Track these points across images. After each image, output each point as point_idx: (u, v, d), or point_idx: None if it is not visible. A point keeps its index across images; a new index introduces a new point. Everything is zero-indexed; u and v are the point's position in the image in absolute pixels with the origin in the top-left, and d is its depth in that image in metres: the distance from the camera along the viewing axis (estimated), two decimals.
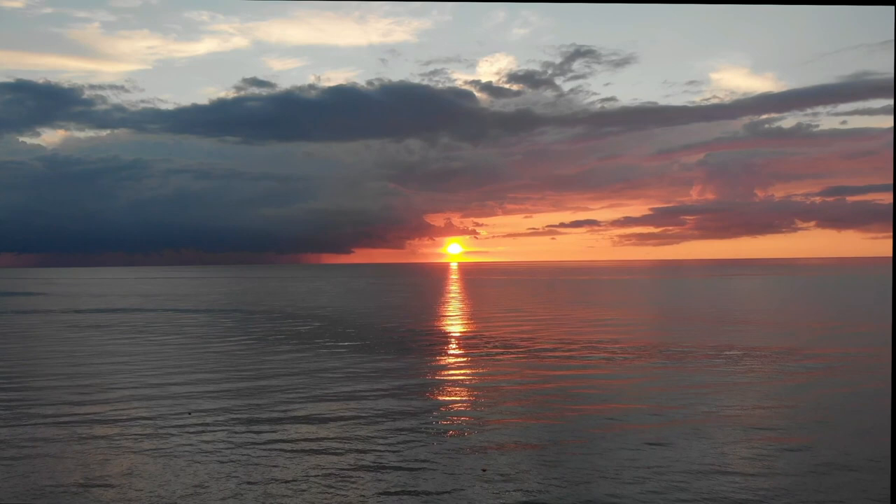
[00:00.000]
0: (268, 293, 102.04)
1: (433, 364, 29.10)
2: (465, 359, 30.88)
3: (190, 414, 19.54)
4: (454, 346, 35.97)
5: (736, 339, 36.10)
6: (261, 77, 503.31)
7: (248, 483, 13.54)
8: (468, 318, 53.88)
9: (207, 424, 18.20)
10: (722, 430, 17.44)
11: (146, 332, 43.68)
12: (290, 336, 40.76)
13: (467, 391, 23.06)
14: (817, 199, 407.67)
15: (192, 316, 58.25)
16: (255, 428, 17.80)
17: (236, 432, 17.35)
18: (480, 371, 27.38)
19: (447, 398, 21.85)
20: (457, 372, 27.25)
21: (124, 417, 19.16)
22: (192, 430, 17.66)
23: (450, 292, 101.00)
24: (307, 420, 18.58)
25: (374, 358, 30.29)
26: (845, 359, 29.13)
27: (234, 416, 19.07)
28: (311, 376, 25.51)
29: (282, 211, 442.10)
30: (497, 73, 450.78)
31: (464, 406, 20.76)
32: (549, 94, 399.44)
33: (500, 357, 30.92)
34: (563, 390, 22.94)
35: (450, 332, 42.75)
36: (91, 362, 30.31)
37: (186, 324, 50.33)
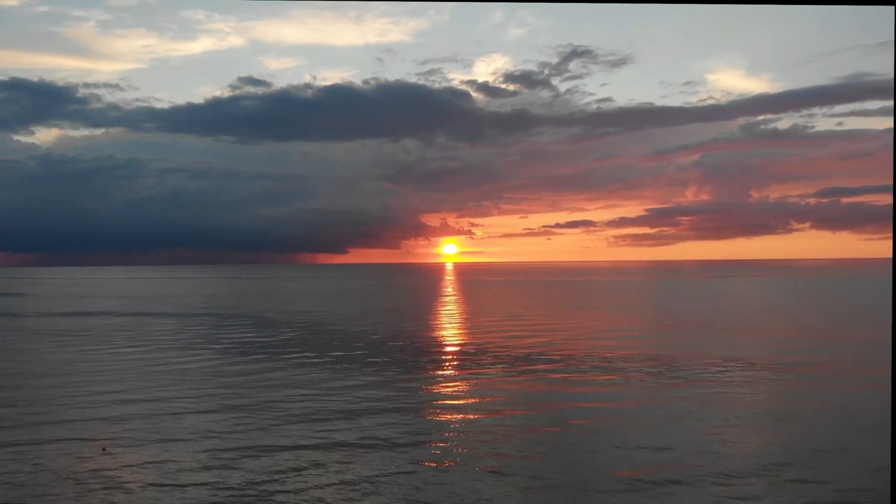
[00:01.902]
0: (256, 295, 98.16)
1: (414, 391, 24.95)
2: (453, 384, 26.77)
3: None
4: (443, 364, 31.86)
5: (754, 353, 32.03)
6: (257, 76, 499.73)
7: None
8: (462, 327, 49.73)
9: (111, 480, 14.05)
10: (768, 489, 13.34)
11: (103, 342, 39.50)
12: (259, 348, 36.60)
13: (448, 437, 18.87)
14: (812, 201, 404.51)
15: (162, 321, 54.13)
16: (165, 490, 13.66)
17: (139, 494, 13.22)
18: (469, 402, 23.26)
19: (419, 451, 17.62)
20: (440, 404, 23.07)
21: (20, 471, 14.97)
22: (93, 485, 13.53)
23: (444, 295, 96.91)
24: (229, 485, 14.39)
25: (346, 385, 26.00)
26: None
27: (149, 468, 14.90)
28: (263, 410, 21.28)
29: (278, 211, 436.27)
30: (494, 74, 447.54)
31: (438, 460, 16.58)
32: (545, 94, 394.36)
33: (496, 380, 26.79)
34: (570, 434, 18.80)
35: (441, 346, 38.62)
36: (13, 384, 26.12)
37: (152, 331, 46.17)
